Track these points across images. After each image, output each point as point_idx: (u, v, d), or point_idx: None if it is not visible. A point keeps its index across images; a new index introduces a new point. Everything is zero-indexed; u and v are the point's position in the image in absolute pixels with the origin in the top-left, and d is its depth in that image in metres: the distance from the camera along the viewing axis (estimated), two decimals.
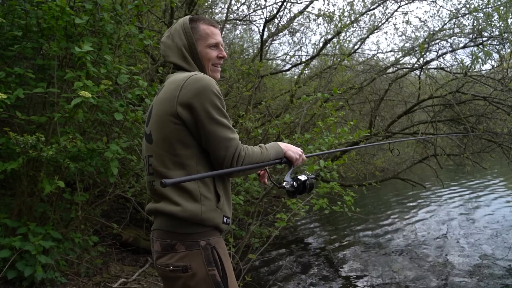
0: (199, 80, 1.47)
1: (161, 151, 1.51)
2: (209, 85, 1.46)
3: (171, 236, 1.49)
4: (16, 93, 2.76)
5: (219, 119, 1.46)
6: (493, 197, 10.18)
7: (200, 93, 1.45)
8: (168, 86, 1.54)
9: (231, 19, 7.88)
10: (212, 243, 1.49)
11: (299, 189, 1.70)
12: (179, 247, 1.47)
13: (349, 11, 8.03)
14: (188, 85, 1.46)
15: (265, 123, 6.77)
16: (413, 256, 5.84)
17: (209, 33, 1.63)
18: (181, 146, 1.48)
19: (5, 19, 3.11)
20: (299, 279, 5.10)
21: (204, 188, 1.49)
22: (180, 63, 1.61)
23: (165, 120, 1.49)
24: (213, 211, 1.50)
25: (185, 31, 1.61)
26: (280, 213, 4.60)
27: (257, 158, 1.55)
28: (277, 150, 1.65)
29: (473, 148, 8.25)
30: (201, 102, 1.44)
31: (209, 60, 1.64)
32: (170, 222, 1.50)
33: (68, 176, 3.64)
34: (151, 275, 4.27)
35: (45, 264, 3.24)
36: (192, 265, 1.45)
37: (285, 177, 1.69)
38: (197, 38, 1.61)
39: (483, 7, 7.10)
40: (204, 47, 1.62)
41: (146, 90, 3.34)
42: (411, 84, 9.31)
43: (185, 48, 1.60)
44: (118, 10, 3.33)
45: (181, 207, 1.46)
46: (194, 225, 1.48)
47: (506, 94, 6.49)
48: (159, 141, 1.51)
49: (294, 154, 1.70)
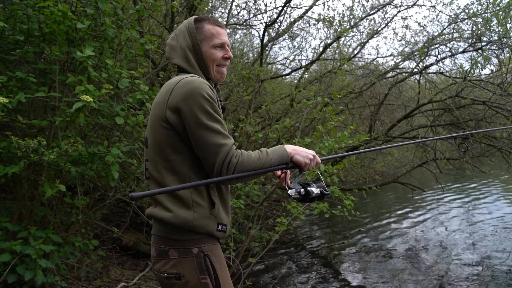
0: (189, 83, 1.42)
1: (154, 156, 1.49)
2: (198, 88, 1.40)
3: (164, 242, 1.47)
4: (17, 97, 2.77)
5: (208, 123, 1.40)
6: (492, 201, 10.17)
7: (189, 97, 1.39)
8: (162, 90, 1.51)
9: (232, 24, 7.91)
10: (205, 250, 1.46)
11: (308, 198, 1.54)
12: (172, 254, 1.45)
13: (349, 16, 8.08)
14: (178, 89, 1.42)
15: (265, 127, 6.79)
16: (413, 260, 5.84)
17: (214, 33, 1.57)
18: (172, 152, 1.45)
19: (7, 23, 3.13)
20: (299, 283, 5.09)
21: (197, 194, 1.45)
22: (183, 65, 1.56)
23: (157, 124, 1.46)
24: (205, 218, 1.46)
25: (190, 31, 1.56)
26: (280, 217, 4.60)
27: (254, 165, 1.43)
28: (280, 155, 1.51)
29: (472, 152, 8.26)
30: (189, 106, 1.39)
31: (214, 61, 1.58)
32: (163, 228, 1.48)
33: (69, 180, 3.64)
34: (151, 279, 4.27)
35: (45, 268, 3.24)
36: (185, 272, 1.43)
37: (292, 184, 1.54)
38: (202, 39, 1.57)
39: (482, 12, 7.14)
40: (209, 47, 1.57)
41: (147, 94, 3.35)
42: (410, 88, 9.34)
43: (189, 48, 1.56)
44: (120, 15, 3.35)
45: (173, 213, 1.43)
46: (186, 232, 1.45)
47: (505, 99, 6.52)
48: (153, 146, 1.50)
49: (303, 158, 1.55)
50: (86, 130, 3.55)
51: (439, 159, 8.48)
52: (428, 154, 8.79)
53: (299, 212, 4.53)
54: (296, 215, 4.52)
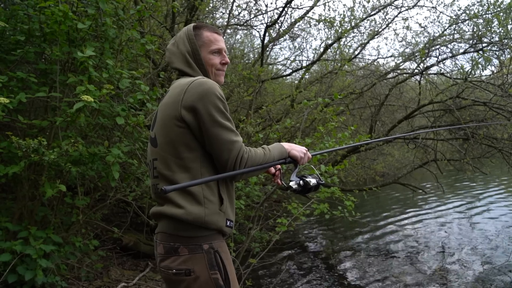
0: (203, 84, 1.49)
1: (166, 154, 1.53)
2: (212, 89, 1.49)
3: (174, 239, 1.50)
4: (18, 97, 2.77)
5: (222, 122, 1.48)
6: (493, 202, 10.17)
7: (204, 96, 1.47)
8: (173, 91, 1.57)
9: (232, 24, 7.91)
10: (215, 247, 1.50)
11: (306, 188, 1.71)
12: (182, 250, 1.48)
13: (350, 17, 8.07)
14: (192, 89, 1.49)
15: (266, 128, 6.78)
16: (414, 261, 5.83)
17: (212, 40, 1.66)
18: (186, 149, 1.50)
19: (8, 23, 3.13)
20: (299, 283, 5.08)
21: (208, 191, 1.51)
22: (185, 69, 1.65)
23: (170, 124, 1.51)
24: (216, 214, 1.51)
25: (189, 38, 1.65)
26: (280, 217, 4.60)
27: (260, 160, 1.55)
28: (280, 150, 1.67)
29: (473, 153, 8.26)
30: (204, 105, 1.46)
31: (212, 66, 1.67)
32: (173, 225, 1.51)
33: (70, 180, 3.64)
34: (151, 280, 4.27)
35: (45, 268, 3.24)
36: (195, 268, 1.46)
37: (291, 177, 1.71)
38: (201, 45, 1.65)
39: (483, 13, 7.14)
40: (207, 53, 1.66)
41: (148, 95, 3.36)
42: (411, 89, 9.33)
43: (189, 54, 1.64)
44: (120, 15, 3.35)
45: (185, 210, 1.47)
46: (197, 228, 1.49)
47: (506, 100, 6.51)
48: (164, 145, 1.54)
49: (299, 153, 1.72)
50: (87, 130, 3.55)
51: (440, 160, 8.47)
52: (429, 155, 8.78)
53: (300, 212, 4.52)
54: (296, 216, 4.52)
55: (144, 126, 3.40)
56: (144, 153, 3.66)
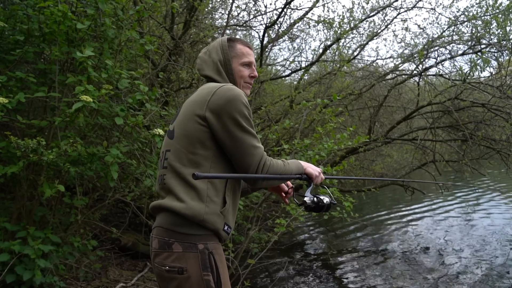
0: (231, 90, 1.56)
1: (180, 147, 1.57)
2: (239, 96, 1.55)
3: (169, 234, 1.50)
4: (17, 97, 2.77)
5: (247, 127, 1.54)
6: (491, 203, 10.18)
7: (231, 101, 1.52)
8: (201, 91, 1.62)
9: (232, 25, 7.91)
10: (210, 248, 1.50)
11: (319, 205, 1.75)
12: (176, 247, 1.48)
13: (349, 18, 8.08)
14: (220, 93, 1.55)
15: (264, 128, 6.79)
16: (412, 263, 5.84)
17: (244, 53, 1.75)
18: (201, 146, 1.54)
19: (7, 23, 3.13)
20: (298, 284, 5.08)
21: (213, 190, 1.53)
22: (214, 76, 1.70)
23: (192, 119, 1.55)
24: (215, 215, 1.51)
25: (223, 48, 1.72)
26: (279, 218, 4.60)
27: (280, 170, 1.60)
28: (297, 166, 1.73)
29: (471, 154, 8.27)
30: (230, 110, 1.52)
31: (241, 77, 1.74)
32: (171, 219, 1.51)
33: (68, 180, 3.64)
34: (150, 280, 4.27)
35: (44, 268, 3.23)
36: (188, 267, 1.46)
37: (306, 193, 1.76)
38: (233, 56, 1.73)
39: (481, 14, 7.16)
40: (238, 64, 1.74)
41: (147, 95, 3.36)
42: (410, 90, 9.35)
43: (221, 63, 1.71)
44: (120, 16, 3.35)
45: (185, 204, 1.48)
46: (194, 225, 1.49)
47: (504, 101, 6.53)
48: (181, 137, 1.58)
49: (314, 171, 1.77)
50: (86, 130, 3.55)
51: (438, 161, 8.49)
52: (428, 156, 8.80)
53: (298, 213, 4.53)
54: (295, 216, 4.52)
55: (143, 126, 3.40)
56: (143, 154, 3.66)
